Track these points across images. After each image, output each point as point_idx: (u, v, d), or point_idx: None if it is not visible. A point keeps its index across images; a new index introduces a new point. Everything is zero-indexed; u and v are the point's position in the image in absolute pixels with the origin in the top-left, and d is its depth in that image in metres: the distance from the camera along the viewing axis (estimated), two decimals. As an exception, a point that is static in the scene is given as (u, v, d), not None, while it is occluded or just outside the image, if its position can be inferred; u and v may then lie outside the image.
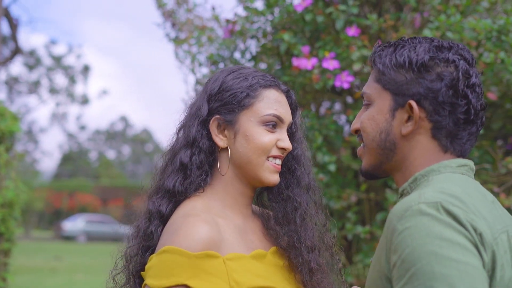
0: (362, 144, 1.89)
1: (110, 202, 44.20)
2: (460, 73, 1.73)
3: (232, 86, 1.99)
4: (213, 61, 4.66)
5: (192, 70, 4.78)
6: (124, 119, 70.97)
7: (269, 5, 4.18)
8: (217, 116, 1.99)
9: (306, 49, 3.91)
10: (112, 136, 69.55)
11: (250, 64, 4.50)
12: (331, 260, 2.12)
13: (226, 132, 1.99)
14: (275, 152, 1.99)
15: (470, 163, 1.80)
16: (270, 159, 1.98)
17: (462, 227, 1.53)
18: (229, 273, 1.81)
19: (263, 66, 4.43)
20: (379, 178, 1.94)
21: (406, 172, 1.80)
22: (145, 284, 1.80)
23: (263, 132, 1.97)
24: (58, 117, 51.37)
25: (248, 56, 4.47)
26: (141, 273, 1.92)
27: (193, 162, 1.97)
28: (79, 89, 74.00)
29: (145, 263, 1.89)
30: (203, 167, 1.98)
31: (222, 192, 1.99)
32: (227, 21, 4.31)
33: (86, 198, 43.86)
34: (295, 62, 3.87)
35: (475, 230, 1.54)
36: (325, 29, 4.10)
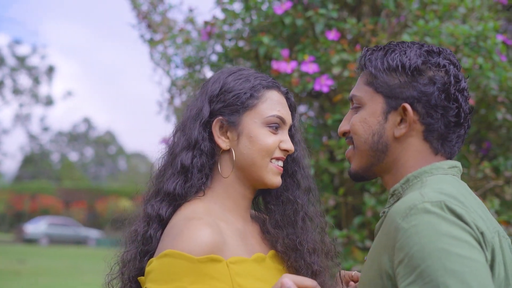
0: (350, 147, 1.91)
1: (73, 205, 43.69)
2: (452, 78, 1.78)
3: (234, 87, 1.97)
4: (189, 63, 4.63)
5: (168, 72, 4.74)
6: (87, 120, 70.26)
7: (247, 8, 4.16)
8: (220, 117, 1.96)
9: (285, 52, 3.90)
10: (75, 138, 68.81)
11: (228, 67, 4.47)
12: (332, 263, 2.11)
13: (228, 133, 1.96)
14: (278, 154, 1.97)
15: (459, 164, 1.85)
16: (273, 161, 1.97)
17: (467, 225, 1.57)
18: (233, 277, 1.78)
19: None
20: (367, 180, 1.96)
21: (397, 173, 1.84)
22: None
23: (267, 133, 1.95)
24: (21, 118, 50.70)
25: (224, 59, 4.45)
26: (139, 278, 1.88)
27: (194, 164, 1.93)
28: (43, 90, 73.23)
29: (143, 268, 1.86)
30: (204, 170, 1.95)
31: (222, 195, 1.96)
32: (206, 23, 4.28)
33: (48, 201, 43.27)
34: (275, 65, 3.86)
35: (477, 228, 1.58)
36: (303, 32, 4.09)
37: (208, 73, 4.68)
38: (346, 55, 3.83)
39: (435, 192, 1.64)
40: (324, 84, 3.81)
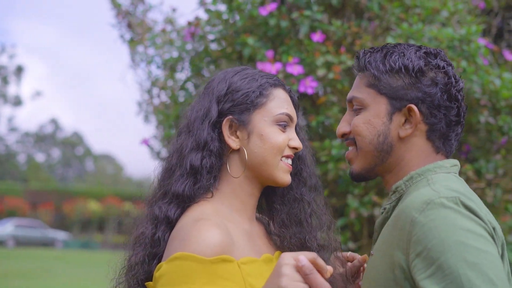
0: (351, 148, 1.95)
1: (40, 206, 43.21)
2: (452, 78, 1.85)
3: (242, 86, 1.96)
4: (170, 64, 4.60)
5: (149, 73, 4.71)
6: (54, 121, 69.65)
7: (230, 9, 4.15)
8: (230, 116, 1.94)
9: (270, 53, 3.89)
10: (42, 138, 68.18)
11: (211, 68, 4.46)
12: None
13: (238, 133, 1.95)
14: (287, 152, 1.97)
15: (458, 163, 1.90)
16: (283, 159, 1.96)
17: (481, 220, 1.64)
18: (245, 278, 1.77)
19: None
20: (368, 180, 1.99)
21: (399, 172, 1.89)
22: None
23: (277, 131, 1.95)
24: (-11, 119, 50.07)
25: (206, 60, 4.43)
26: (147, 283, 1.85)
27: (203, 166, 1.91)
28: (11, 90, 72.36)
29: (151, 272, 1.83)
30: (213, 171, 1.93)
31: (230, 195, 1.95)
32: (189, 23, 4.25)
33: (15, 202, 42.71)
34: (260, 66, 3.84)
35: (490, 223, 1.66)
36: (288, 34, 4.09)
37: (188, 74, 4.66)
38: (331, 57, 3.83)
39: (446, 189, 1.70)
40: (308, 86, 3.81)
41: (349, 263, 2.11)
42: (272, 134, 1.94)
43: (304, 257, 1.60)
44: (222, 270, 1.72)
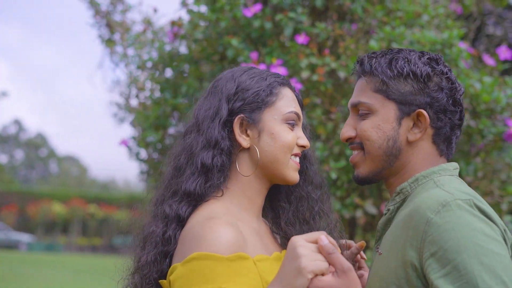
0: (357, 152, 1.98)
1: (3, 208, 42.58)
2: (456, 84, 1.91)
3: (251, 85, 1.97)
4: (151, 64, 4.58)
5: (130, 74, 4.68)
6: (17, 122, 68.79)
7: (213, 10, 4.14)
8: (241, 115, 1.95)
9: (254, 55, 3.89)
10: (5, 140, 67.29)
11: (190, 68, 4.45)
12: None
13: (249, 131, 1.96)
14: (296, 150, 1.99)
15: (458, 166, 1.96)
16: (292, 157, 1.98)
17: (494, 223, 1.69)
18: (261, 275, 1.78)
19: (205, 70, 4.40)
20: (372, 183, 2.03)
21: (405, 174, 1.93)
22: None
23: (287, 130, 1.96)
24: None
25: (188, 60, 4.41)
26: (161, 281, 1.85)
27: (214, 164, 1.91)
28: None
29: (163, 270, 1.84)
30: (223, 169, 1.94)
31: (239, 194, 1.96)
32: (172, 23, 4.23)
33: (-22, 204, 42.11)
34: (244, 68, 3.84)
35: (501, 226, 1.72)
36: (271, 36, 4.09)
37: (168, 74, 4.64)
38: (315, 59, 3.85)
39: (459, 191, 1.74)
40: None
41: (345, 251, 2.13)
42: (283, 133, 1.95)
43: (324, 237, 1.65)
44: (240, 267, 1.72)
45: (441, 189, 1.76)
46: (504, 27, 5.32)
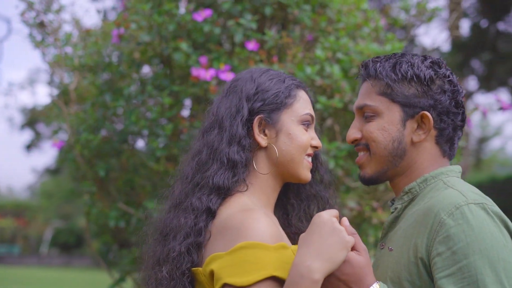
0: (362, 153, 2.06)
1: None
2: (458, 86, 2.00)
3: (271, 86, 2.06)
4: (89, 66, 4.48)
5: (69, 74, 4.56)
6: None
7: (160, 13, 4.10)
8: (261, 115, 2.03)
9: (203, 59, 3.88)
10: None
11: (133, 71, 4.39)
12: None
13: (266, 131, 2.05)
14: (309, 150, 2.08)
15: (461, 169, 2.05)
16: (305, 156, 2.07)
17: (505, 227, 1.79)
18: None
19: (147, 73, 4.35)
20: (378, 184, 2.11)
21: (411, 175, 2.00)
22: (225, 283, 1.77)
23: (302, 130, 2.06)
24: None
25: (130, 63, 4.34)
26: (195, 269, 1.90)
27: (240, 159, 2.00)
28: None
29: (194, 261, 1.90)
30: (247, 165, 2.02)
31: (258, 190, 2.03)
32: (118, 25, 4.15)
33: None
34: (194, 72, 3.83)
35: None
36: (218, 41, 4.10)
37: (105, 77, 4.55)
38: (264, 66, 3.88)
39: (472, 193, 1.82)
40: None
41: None
42: (299, 133, 2.05)
43: (346, 219, 1.80)
44: (285, 256, 1.81)
45: (454, 189, 1.84)
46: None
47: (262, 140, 2.04)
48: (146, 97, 4.20)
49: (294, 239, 2.09)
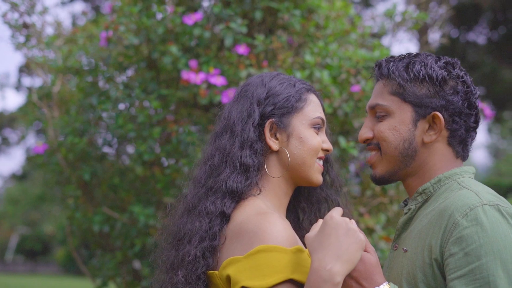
0: (374, 153, 2.06)
1: None
2: (472, 87, 1.99)
3: (282, 91, 2.07)
4: (74, 69, 4.43)
5: (54, 78, 4.50)
6: None
7: (148, 16, 4.07)
8: (272, 119, 2.04)
9: (194, 63, 3.87)
10: None
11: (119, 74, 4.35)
12: None
13: (278, 135, 2.05)
14: (321, 153, 2.09)
15: (475, 170, 2.04)
16: (317, 160, 2.07)
17: None
18: None
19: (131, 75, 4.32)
20: (389, 183, 2.11)
21: (424, 175, 2.00)
22: (242, 287, 1.77)
23: (313, 134, 2.06)
24: None
25: (117, 67, 4.30)
26: (211, 272, 1.90)
27: (253, 163, 2.00)
28: None
29: (209, 265, 1.90)
30: (259, 169, 2.01)
31: (271, 194, 2.03)
32: (106, 27, 4.11)
33: None
34: (185, 75, 3.81)
35: None
36: (208, 45, 4.08)
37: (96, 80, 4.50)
38: (254, 70, 3.88)
39: (486, 192, 1.82)
40: (231, 98, 3.82)
41: None
42: (310, 137, 2.05)
43: (353, 220, 1.81)
44: (301, 259, 1.82)
45: (469, 190, 1.84)
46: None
47: (273, 144, 2.04)
48: (134, 100, 4.16)
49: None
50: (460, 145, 2.00)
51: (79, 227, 4.63)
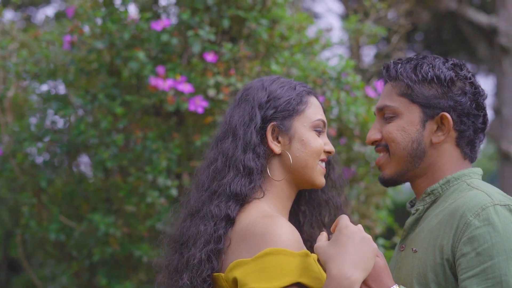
0: (382, 154, 2.07)
1: None
2: (479, 88, 2.01)
3: (282, 94, 2.08)
4: (33, 73, 4.32)
5: (10, 82, 4.38)
6: None
7: (113, 21, 4.00)
8: (274, 123, 2.04)
9: (161, 69, 3.82)
10: None
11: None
12: None
13: (280, 138, 2.06)
14: (323, 155, 2.09)
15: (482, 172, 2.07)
16: (319, 162, 2.08)
17: None
18: (321, 271, 1.87)
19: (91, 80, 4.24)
20: (398, 185, 2.12)
21: (432, 176, 2.02)
22: None
23: (315, 136, 2.07)
24: None
25: (78, 72, 4.20)
26: (216, 274, 1.89)
27: (256, 166, 2.00)
28: None
29: (214, 267, 1.89)
30: (262, 172, 2.02)
31: (274, 197, 2.04)
32: (71, 31, 4.02)
33: None
34: (153, 81, 3.76)
35: None
36: (174, 52, 4.04)
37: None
38: (221, 78, 3.87)
39: (497, 193, 1.85)
40: (199, 105, 3.81)
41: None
42: (312, 139, 2.06)
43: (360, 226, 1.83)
44: (307, 263, 1.83)
45: (479, 190, 1.87)
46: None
47: (275, 147, 2.05)
48: (96, 107, 4.07)
49: (306, 246, 2.08)
50: (468, 146, 2.02)
51: (33, 236, 4.49)
